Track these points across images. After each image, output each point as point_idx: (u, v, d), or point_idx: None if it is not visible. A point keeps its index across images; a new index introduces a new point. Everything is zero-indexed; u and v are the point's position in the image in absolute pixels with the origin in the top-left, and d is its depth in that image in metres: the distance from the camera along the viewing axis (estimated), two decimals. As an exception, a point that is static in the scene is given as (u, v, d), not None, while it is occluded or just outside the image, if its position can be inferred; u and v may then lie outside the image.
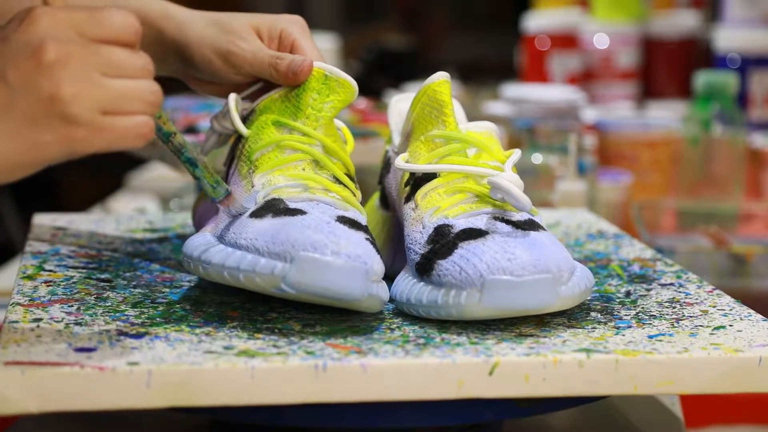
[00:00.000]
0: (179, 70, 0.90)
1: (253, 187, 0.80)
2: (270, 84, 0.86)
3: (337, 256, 0.72)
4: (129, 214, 1.21)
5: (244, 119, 0.85)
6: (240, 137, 0.85)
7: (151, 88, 0.69)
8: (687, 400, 0.92)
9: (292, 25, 0.87)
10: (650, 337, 0.75)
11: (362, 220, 0.79)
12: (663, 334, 0.76)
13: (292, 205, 0.77)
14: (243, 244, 0.75)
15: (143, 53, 0.69)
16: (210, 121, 0.88)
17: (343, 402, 0.69)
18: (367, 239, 0.76)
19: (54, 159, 0.67)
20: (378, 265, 0.74)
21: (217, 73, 0.87)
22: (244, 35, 0.86)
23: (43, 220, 1.04)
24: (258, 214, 0.77)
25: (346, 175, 0.83)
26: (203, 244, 0.78)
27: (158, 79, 0.94)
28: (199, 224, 0.90)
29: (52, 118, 0.65)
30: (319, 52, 0.86)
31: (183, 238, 1.00)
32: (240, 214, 0.79)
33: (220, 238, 0.78)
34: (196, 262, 0.77)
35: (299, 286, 0.72)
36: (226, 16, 0.87)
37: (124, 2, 0.87)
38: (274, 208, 0.77)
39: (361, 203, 0.82)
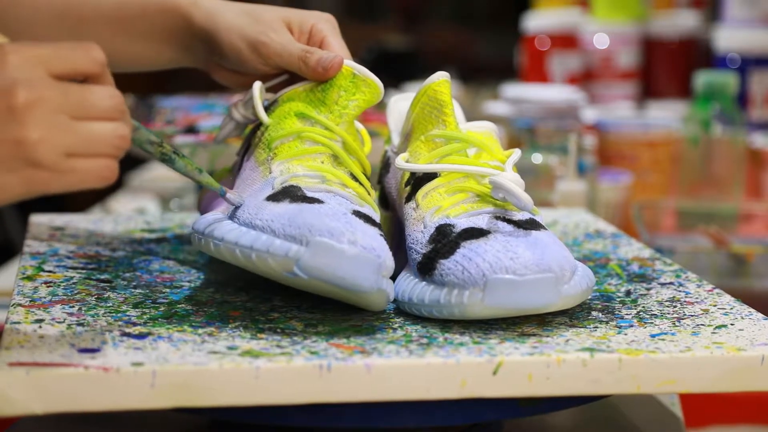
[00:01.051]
0: (204, 59, 0.91)
1: (270, 173, 0.81)
2: (294, 78, 0.87)
3: (353, 245, 0.72)
4: (127, 214, 1.21)
5: (266, 109, 0.85)
6: (257, 127, 0.85)
7: (118, 132, 0.68)
8: (687, 400, 0.92)
9: (324, 22, 0.88)
10: (652, 336, 0.75)
11: (376, 217, 0.79)
12: (665, 333, 0.76)
13: (309, 194, 0.77)
14: (258, 225, 0.74)
15: (115, 91, 0.69)
16: (228, 108, 0.88)
17: (347, 402, 0.69)
18: (381, 235, 0.76)
19: (12, 199, 0.67)
20: (390, 261, 0.74)
21: (244, 63, 0.87)
22: (275, 27, 0.87)
23: (40, 220, 1.04)
24: (275, 198, 0.77)
25: (363, 174, 0.83)
26: (216, 221, 0.78)
27: (160, 76, 0.94)
28: (204, 211, 0.90)
29: (15, 160, 0.65)
30: (347, 51, 0.87)
31: (181, 238, 1.00)
32: (255, 197, 0.79)
33: (233, 219, 0.77)
34: (208, 238, 0.77)
35: (312, 271, 0.72)
36: (258, 8, 0.88)
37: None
38: (291, 194, 0.77)
39: None
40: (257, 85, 0.86)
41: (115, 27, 0.91)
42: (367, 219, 0.76)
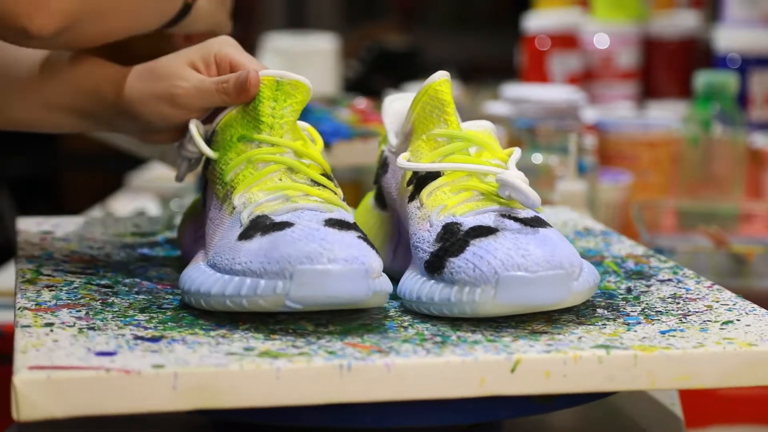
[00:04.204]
0: (134, 129, 0.89)
1: (234, 208, 0.80)
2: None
3: (334, 263, 0.72)
4: (114, 217, 1.21)
5: (209, 141, 0.85)
6: (209, 160, 0.84)
7: None
8: (687, 400, 0.92)
9: (224, 46, 0.86)
10: (662, 332, 0.75)
11: (350, 218, 0.79)
12: (674, 330, 0.76)
13: (277, 219, 0.77)
14: (239, 269, 0.75)
15: None
16: (176, 149, 0.87)
17: (367, 402, 0.69)
18: (359, 237, 0.76)
19: None
20: (375, 261, 0.74)
21: (169, 120, 0.85)
22: (181, 74, 0.84)
23: (27, 223, 1.03)
24: (246, 235, 0.77)
25: (323, 175, 0.82)
26: (199, 276, 0.78)
27: None
28: (184, 250, 0.90)
29: None
30: (258, 62, 0.86)
31: (173, 242, 0.99)
32: (227, 238, 0.79)
33: (214, 267, 0.78)
34: (196, 296, 0.77)
35: (304, 300, 0.72)
36: (158, 62, 0.86)
37: (75, 74, 0.87)
38: (260, 225, 0.77)
39: (346, 201, 0.82)
40: (193, 123, 0.84)
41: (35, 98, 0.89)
42: (342, 224, 0.77)
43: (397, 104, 0.93)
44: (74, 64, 0.87)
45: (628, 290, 0.85)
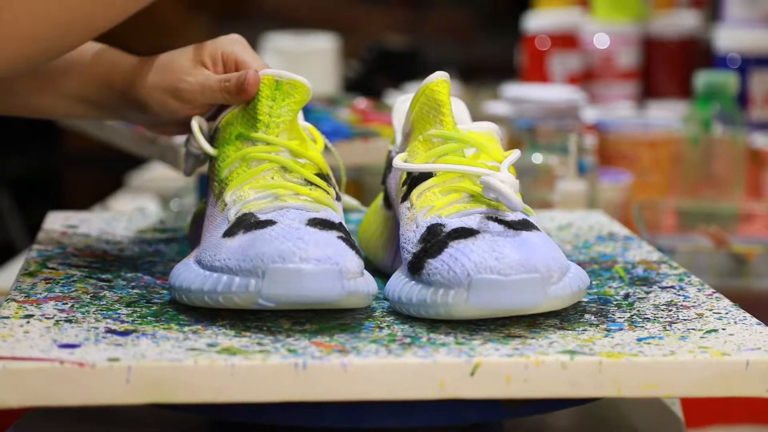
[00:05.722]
0: (141, 120, 0.90)
1: (226, 205, 0.80)
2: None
3: (306, 262, 0.72)
4: (143, 213, 1.21)
5: (212, 138, 0.85)
6: (212, 157, 0.85)
7: None
8: (687, 400, 0.92)
9: (231, 44, 0.87)
10: (639, 339, 0.74)
11: (335, 218, 0.79)
12: (653, 337, 0.75)
13: (262, 217, 0.77)
14: (218, 266, 0.75)
15: None
16: (184, 145, 0.88)
17: (323, 401, 0.69)
18: (339, 237, 0.76)
19: None
20: (352, 262, 0.74)
21: (175, 113, 0.87)
22: (189, 69, 0.86)
23: (56, 217, 1.04)
24: (230, 232, 0.77)
25: (318, 174, 0.82)
26: (184, 271, 0.78)
27: None
28: (190, 243, 0.91)
29: None
30: (262, 61, 0.87)
31: (191, 238, 1.00)
32: (213, 235, 0.79)
33: (199, 263, 0.78)
34: (179, 291, 0.78)
35: (276, 298, 0.73)
36: (168, 56, 0.87)
37: (88, 62, 0.87)
38: (244, 223, 0.77)
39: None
40: (195, 120, 0.86)
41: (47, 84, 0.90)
42: (324, 224, 0.77)
43: (406, 105, 0.93)
44: (86, 53, 0.88)
45: (626, 296, 0.85)
